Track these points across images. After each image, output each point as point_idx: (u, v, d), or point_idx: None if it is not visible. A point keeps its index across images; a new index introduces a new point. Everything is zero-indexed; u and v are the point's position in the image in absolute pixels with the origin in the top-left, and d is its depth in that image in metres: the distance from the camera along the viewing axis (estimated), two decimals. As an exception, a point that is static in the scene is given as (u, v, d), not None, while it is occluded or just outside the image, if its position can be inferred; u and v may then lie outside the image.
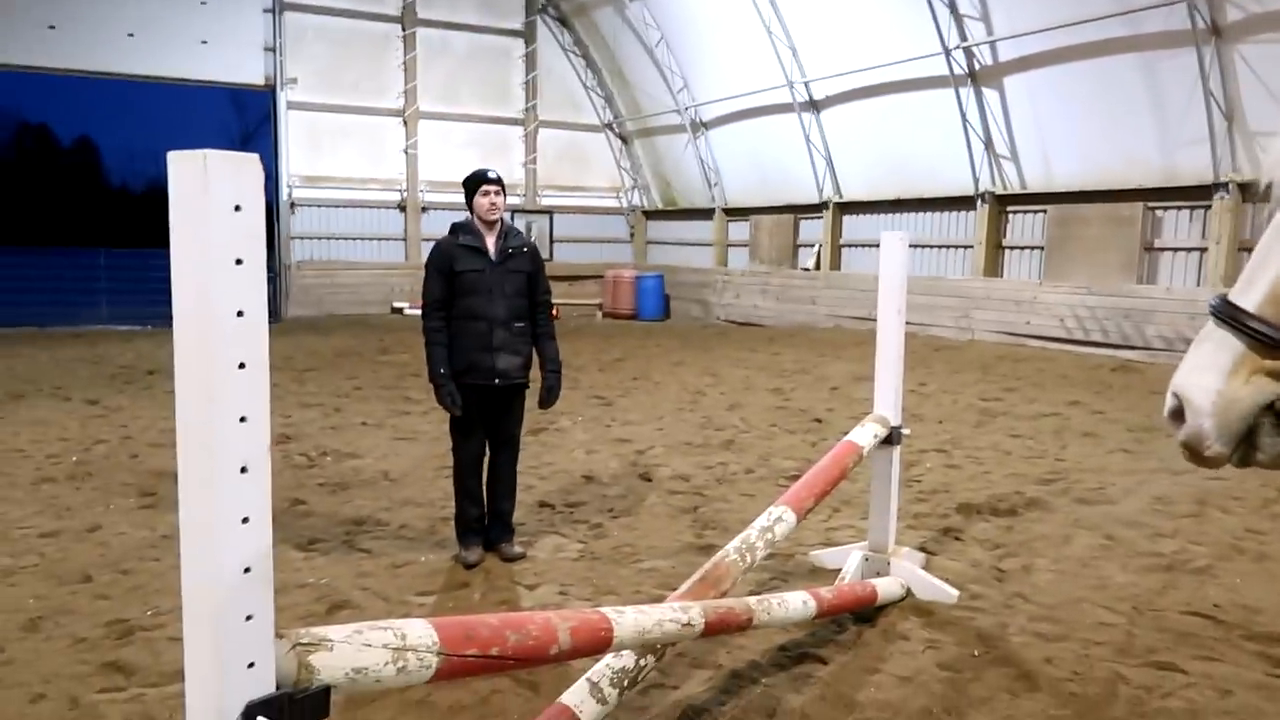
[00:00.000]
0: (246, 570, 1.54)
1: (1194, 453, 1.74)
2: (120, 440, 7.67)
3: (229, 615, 1.52)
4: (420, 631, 1.85)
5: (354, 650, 1.73)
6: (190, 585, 1.54)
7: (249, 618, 1.55)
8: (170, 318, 1.50)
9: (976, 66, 14.96)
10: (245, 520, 1.54)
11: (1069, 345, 13.96)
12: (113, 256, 18.35)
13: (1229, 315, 1.72)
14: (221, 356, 1.47)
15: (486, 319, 4.81)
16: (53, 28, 17.44)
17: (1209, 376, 1.71)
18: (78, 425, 8.27)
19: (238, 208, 1.48)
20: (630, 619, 2.48)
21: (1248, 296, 1.72)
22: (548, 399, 5.05)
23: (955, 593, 4.34)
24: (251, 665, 1.55)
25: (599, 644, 2.38)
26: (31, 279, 17.78)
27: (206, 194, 1.44)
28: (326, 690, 1.65)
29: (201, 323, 1.46)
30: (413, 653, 1.82)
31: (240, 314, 1.49)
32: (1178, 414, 1.75)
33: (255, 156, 1.50)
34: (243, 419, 1.51)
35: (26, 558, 4.84)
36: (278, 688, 1.58)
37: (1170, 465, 6.85)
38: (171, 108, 18.76)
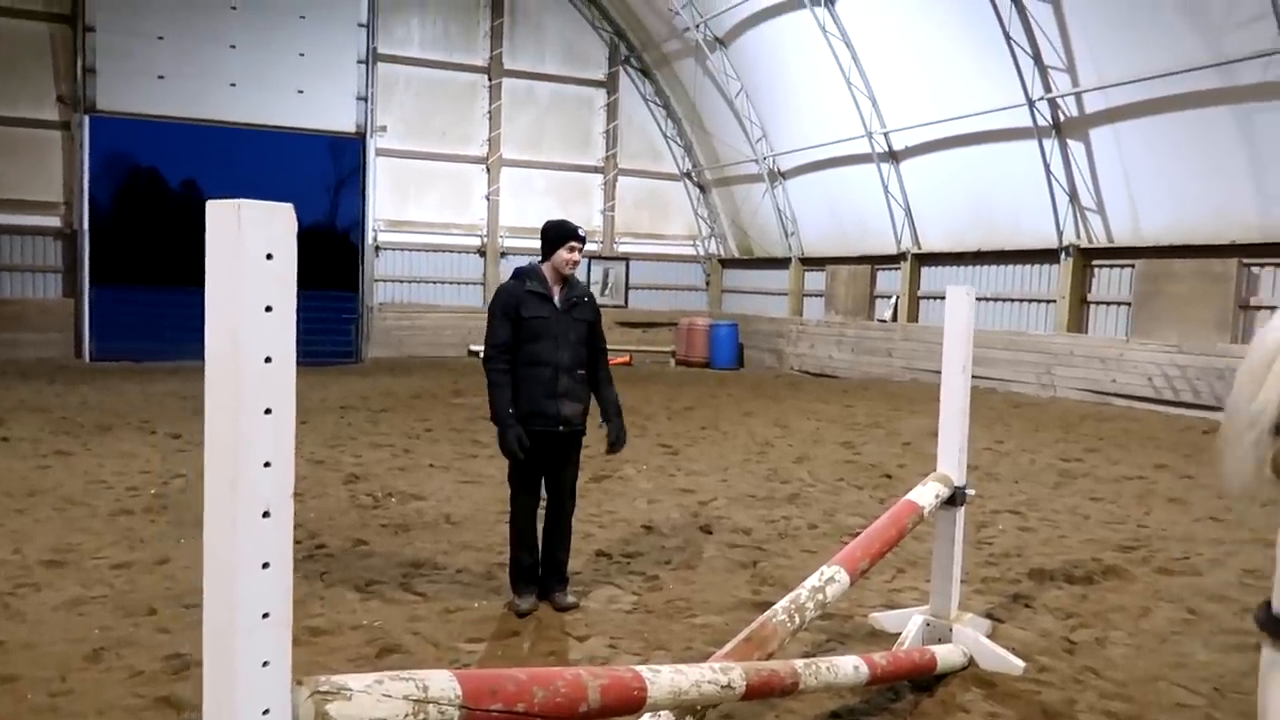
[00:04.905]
0: (265, 615, 1.55)
1: None
2: (198, 475, 7.85)
3: (246, 660, 1.52)
4: (443, 683, 1.82)
5: (373, 700, 1.71)
6: (210, 629, 1.55)
7: (265, 664, 1.54)
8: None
9: (1061, 118, 14.67)
10: (266, 565, 1.54)
11: (1157, 405, 13.41)
12: (208, 295, 19.12)
13: None
14: (249, 402, 1.49)
15: (552, 365, 4.84)
16: (162, 77, 18.44)
17: None
18: (159, 459, 8.56)
19: (269, 256, 1.50)
20: (666, 678, 2.42)
21: None
22: (616, 444, 5.04)
23: (1021, 664, 4.14)
24: (267, 712, 1.54)
25: (631, 704, 2.32)
26: (134, 315, 18.63)
27: (240, 242, 1.47)
28: (342, 740, 1.63)
29: (230, 368, 1.49)
30: (434, 705, 1.79)
31: (268, 360, 1.51)
32: None
33: (289, 206, 1.53)
34: (267, 464, 1.52)
35: (97, 588, 4.99)
36: (293, 735, 1.57)
37: (1264, 536, 6.47)
38: (271, 153, 19.68)
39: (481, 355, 5.03)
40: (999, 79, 14.84)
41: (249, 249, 1.48)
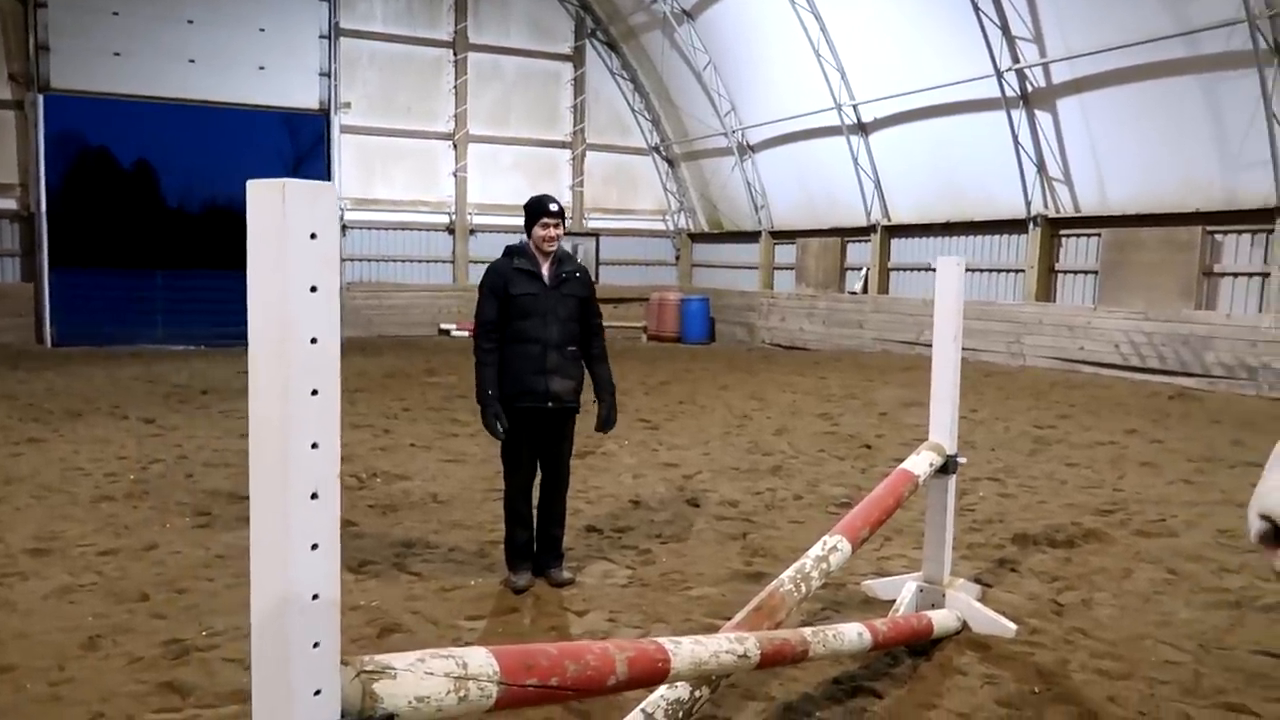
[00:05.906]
0: (315, 596, 1.55)
1: None
2: (175, 459, 7.81)
3: (297, 642, 1.52)
4: (481, 660, 1.84)
5: (417, 679, 1.72)
6: (260, 611, 1.54)
7: (316, 644, 1.55)
8: (223, 338, 1.52)
9: (1029, 88, 14.80)
10: (314, 546, 1.54)
11: (1125, 372, 13.67)
12: (169, 277, 18.77)
13: None
14: (295, 383, 1.48)
15: (540, 342, 4.83)
16: (118, 54, 17.98)
17: None
18: (135, 444, 8.43)
19: (313, 235, 1.48)
20: (687, 650, 2.45)
21: None
22: (606, 423, 5.06)
23: (1013, 626, 4.23)
24: (318, 693, 1.54)
25: (656, 675, 2.35)
26: (91, 299, 18.22)
27: (284, 222, 1.45)
28: (390, 719, 1.64)
29: (276, 349, 1.47)
30: (474, 682, 1.80)
31: (314, 340, 1.50)
32: (1272, 536, 1.68)
33: (331, 185, 1.51)
34: (314, 445, 1.51)
35: (86, 575, 4.92)
36: (343, 716, 1.57)
37: (1234, 497, 6.65)
38: (228, 131, 19.15)
39: (470, 334, 5.00)
40: (967, 50, 14.93)
41: (294, 229, 1.46)
